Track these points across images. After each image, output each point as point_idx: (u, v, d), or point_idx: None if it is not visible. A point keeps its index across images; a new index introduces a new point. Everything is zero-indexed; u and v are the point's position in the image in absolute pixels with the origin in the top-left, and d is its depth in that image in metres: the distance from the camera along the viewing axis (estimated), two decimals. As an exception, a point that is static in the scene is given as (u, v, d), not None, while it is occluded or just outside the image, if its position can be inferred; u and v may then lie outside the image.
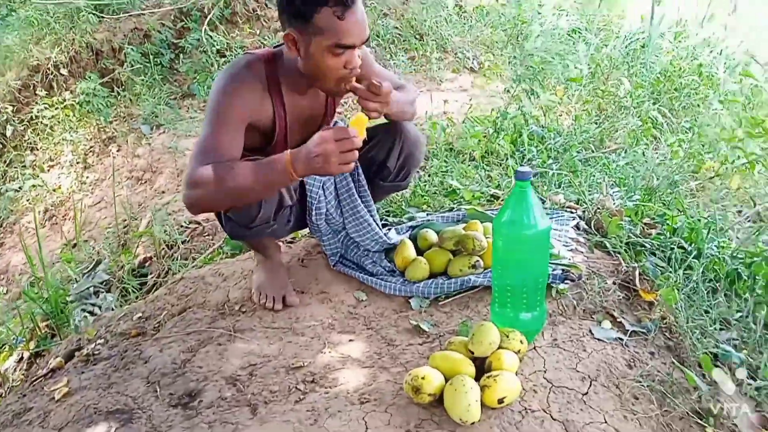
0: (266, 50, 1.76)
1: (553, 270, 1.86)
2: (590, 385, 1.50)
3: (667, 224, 2.27)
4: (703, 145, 3.34)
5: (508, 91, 3.85)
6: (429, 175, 2.87)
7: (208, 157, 1.58)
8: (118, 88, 4.31)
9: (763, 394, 1.54)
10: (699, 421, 1.46)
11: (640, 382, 1.52)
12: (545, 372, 1.54)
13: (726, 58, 4.92)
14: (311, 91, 1.79)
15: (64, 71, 4.30)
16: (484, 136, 3.16)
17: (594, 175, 2.89)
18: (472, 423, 1.36)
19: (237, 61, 1.74)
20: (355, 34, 1.58)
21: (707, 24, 5.55)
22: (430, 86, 4.44)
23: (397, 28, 4.92)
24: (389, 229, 2.26)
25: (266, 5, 4.75)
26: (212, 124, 1.64)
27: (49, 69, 4.30)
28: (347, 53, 1.60)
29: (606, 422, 1.40)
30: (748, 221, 2.61)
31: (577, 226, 2.25)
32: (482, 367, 1.50)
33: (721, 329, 1.78)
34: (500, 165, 2.99)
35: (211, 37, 4.41)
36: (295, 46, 1.62)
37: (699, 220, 2.27)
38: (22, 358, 2.35)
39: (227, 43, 4.43)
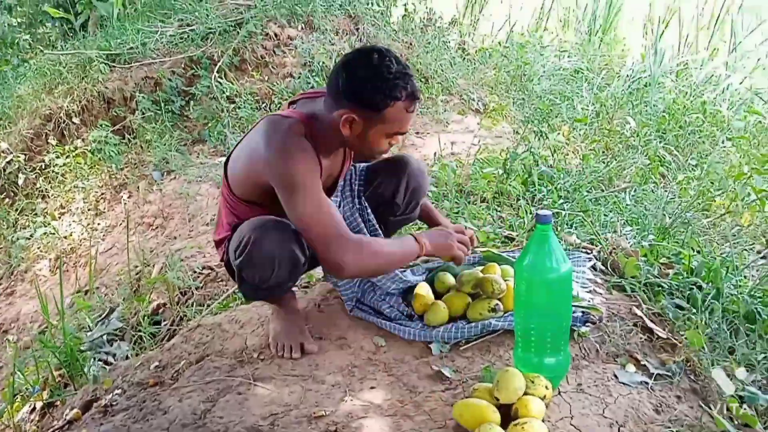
0: (301, 113, 1.78)
1: (574, 312, 1.85)
2: (619, 431, 1.48)
3: (684, 263, 2.26)
4: (712, 183, 3.36)
5: (517, 132, 3.89)
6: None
7: (334, 225, 1.67)
8: (129, 135, 4.37)
9: (793, 438, 1.51)
10: (731, 466, 1.43)
11: (670, 427, 1.50)
12: (572, 418, 1.52)
13: (730, 95, 4.98)
14: (333, 154, 1.85)
15: (76, 120, 4.37)
16: (494, 177, 3.18)
17: (606, 215, 2.90)
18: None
19: (287, 125, 1.72)
20: (411, 123, 1.73)
21: (709, 61, 5.62)
22: (437, 128, 4.49)
23: (402, 72, 4.99)
24: (404, 271, 2.25)
25: (274, 52, 4.84)
26: (306, 196, 1.66)
27: (61, 118, 4.36)
28: (397, 136, 1.74)
29: (637, 470, 1.38)
30: (764, 259, 2.60)
31: (593, 267, 2.25)
32: (508, 414, 1.48)
33: (746, 371, 1.76)
34: (511, 206, 3.00)
35: (221, 83, 4.48)
36: (350, 127, 1.67)
37: (715, 259, 2.27)
38: (34, 408, 2.33)
39: (237, 89, 4.50)
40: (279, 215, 1.73)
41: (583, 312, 1.88)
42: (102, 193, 4.18)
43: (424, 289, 2.03)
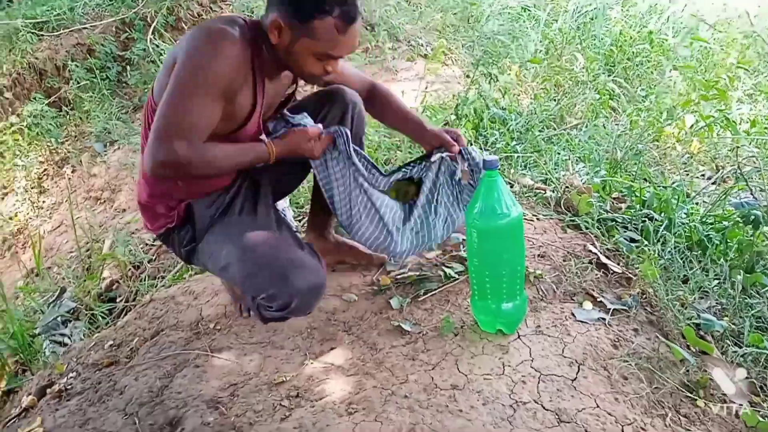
0: (248, 18, 1.60)
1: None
2: (578, 370, 1.49)
3: (636, 196, 2.27)
4: (660, 113, 3.37)
5: (468, 76, 3.83)
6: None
7: (184, 134, 1.45)
8: (66, 107, 4.17)
9: (749, 361, 1.55)
10: (689, 394, 1.46)
11: (627, 361, 1.51)
12: (532, 361, 1.52)
13: (673, 23, 4.98)
14: (278, 76, 1.67)
15: (7, 94, 4.14)
16: (446, 123, 3.13)
17: (558, 153, 2.89)
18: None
19: (217, 19, 1.55)
20: (347, 49, 1.54)
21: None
22: (386, 77, 4.39)
23: (347, 20, 4.85)
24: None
25: (211, 9, 4.64)
26: (187, 88, 1.46)
27: (-9, 93, 4.13)
28: (331, 61, 1.55)
29: (598, 406, 1.39)
30: (714, 185, 2.63)
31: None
32: None
33: (700, 298, 1.78)
34: (464, 151, 2.96)
35: (157, 46, 4.28)
36: (278, 34, 1.51)
37: (666, 189, 2.28)
38: (-7, 398, 2.26)
39: (175, 50, 4.31)
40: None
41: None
42: (44, 170, 4.00)
43: None
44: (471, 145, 1.88)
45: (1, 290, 2.46)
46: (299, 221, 2.47)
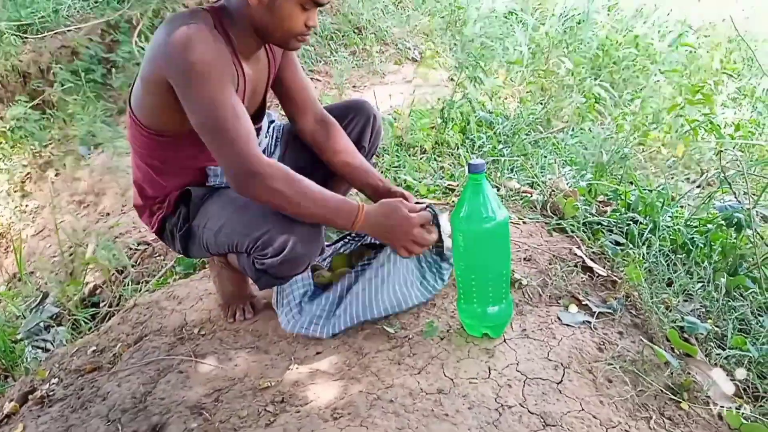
0: (208, 6, 1.56)
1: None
2: (564, 373, 1.49)
3: (621, 200, 2.28)
4: (646, 117, 3.40)
5: (452, 79, 3.83)
6: (381, 172, 2.82)
7: (244, 137, 1.43)
8: (51, 110, 4.12)
9: (732, 363, 1.55)
10: (673, 396, 1.46)
11: (612, 364, 1.52)
12: (518, 364, 1.52)
13: (659, 27, 5.02)
14: (254, 57, 1.64)
15: (-10, 97, 4.10)
16: (433, 128, 3.13)
17: (545, 157, 2.90)
18: None
19: (177, 18, 1.47)
20: None
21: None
22: (373, 80, 4.39)
23: (334, 23, 4.85)
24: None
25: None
26: (208, 90, 1.41)
27: (-27, 96, 4.09)
28: (311, 11, 1.51)
29: (583, 409, 1.39)
30: (698, 188, 2.65)
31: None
32: None
33: (684, 301, 1.79)
34: (451, 155, 2.97)
35: (142, 48, 4.25)
36: None
37: (651, 192, 2.30)
38: (-27, 405, 2.23)
39: (161, 53, 4.28)
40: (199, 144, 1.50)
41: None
42: (27, 173, 3.96)
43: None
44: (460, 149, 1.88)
45: (-18, 296, 2.43)
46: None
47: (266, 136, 1.89)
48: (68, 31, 4.37)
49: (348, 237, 2.03)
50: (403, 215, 1.57)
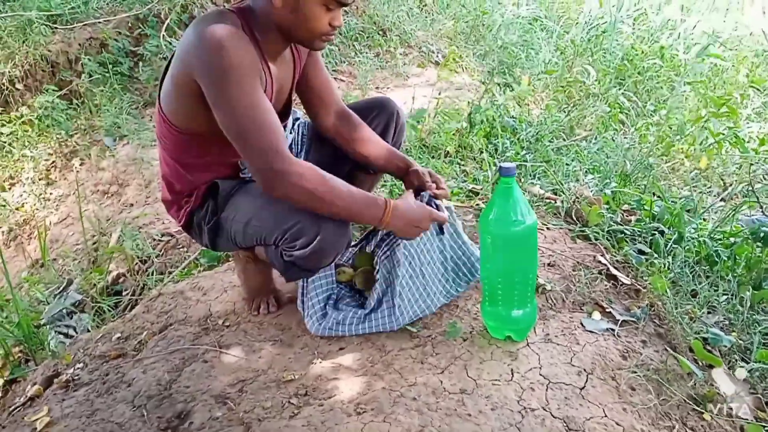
0: (233, 6, 1.58)
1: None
2: (587, 379, 1.49)
3: (645, 209, 2.28)
4: (670, 128, 3.38)
5: (483, 83, 3.84)
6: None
7: (274, 137, 1.45)
8: (77, 100, 4.17)
9: (755, 376, 1.55)
10: (696, 407, 1.46)
11: (636, 372, 1.52)
12: (541, 368, 1.53)
13: (685, 39, 5.00)
14: (280, 57, 1.66)
15: (19, 86, 4.15)
16: (457, 131, 3.14)
17: (568, 164, 2.90)
18: None
19: (206, 19, 1.48)
20: None
21: (665, 6, 5.62)
22: (396, 82, 4.41)
23: (359, 25, 4.88)
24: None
25: (224, 6, 4.66)
26: (238, 91, 1.43)
27: (3, 84, 4.13)
28: (336, 11, 1.52)
29: (606, 416, 1.39)
30: (722, 201, 2.64)
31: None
32: None
33: (708, 313, 1.79)
34: (475, 159, 2.98)
35: (170, 43, 4.30)
36: None
37: (675, 203, 2.29)
38: (-5, 385, 2.26)
39: (187, 48, 4.32)
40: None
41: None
42: (52, 162, 4.00)
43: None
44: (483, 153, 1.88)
45: (8, 280, 2.46)
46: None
47: (290, 133, 1.91)
48: (98, 23, 4.42)
49: (371, 235, 2.04)
50: (425, 207, 1.66)
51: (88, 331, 2.29)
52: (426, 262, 1.78)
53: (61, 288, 2.71)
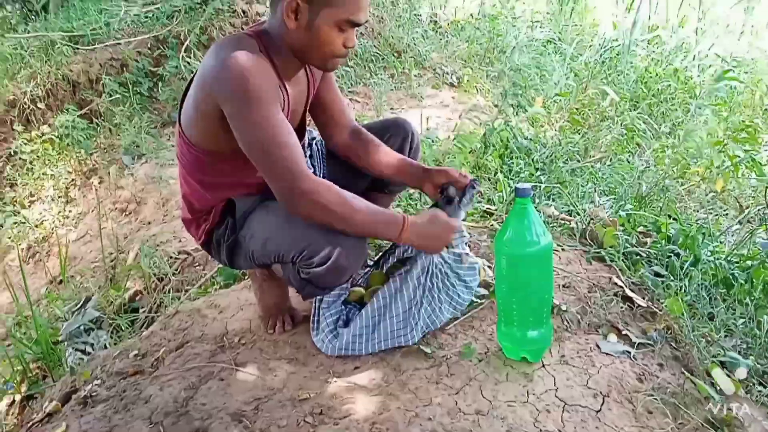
0: (249, 30, 1.61)
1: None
2: (603, 402, 1.49)
3: (661, 232, 2.28)
4: (686, 150, 3.39)
5: (496, 105, 3.87)
6: (420, 194, 2.86)
7: (294, 157, 1.49)
8: (97, 119, 4.26)
9: (774, 401, 1.54)
10: (713, 431, 1.45)
11: (653, 395, 1.51)
12: (557, 390, 1.52)
13: (699, 61, 5.01)
14: (295, 77, 1.68)
15: (41, 105, 4.24)
16: (471, 152, 3.16)
17: (582, 186, 2.90)
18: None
19: (225, 44, 1.50)
20: (364, 12, 1.53)
21: (679, 29, 5.64)
22: (411, 103, 4.45)
23: (375, 46, 4.94)
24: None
25: (242, 29, 4.74)
26: (260, 113, 1.46)
27: (25, 103, 4.23)
28: (349, 32, 1.54)
29: (623, 439, 1.39)
30: (739, 224, 2.63)
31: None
32: None
33: (725, 336, 1.78)
34: (489, 180, 2.99)
35: (189, 63, 4.38)
36: (295, 17, 1.51)
37: (691, 226, 2.29)
38: (13, 401, 2.29)
39: (206, 69, 4.39)
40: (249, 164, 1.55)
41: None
42: (72, 180, 4.08)
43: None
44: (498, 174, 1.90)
45: (27, 296, 2.50)
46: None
47: (307, 151, 1.94)
48: (118, 44, 4.52)
49: (387, 255, 2.06)
50: (445, 221, 1.66)
51: (106, 347, 2.31)
52: (434, 274, 1.80)
53: (79, 305, 2.74)
